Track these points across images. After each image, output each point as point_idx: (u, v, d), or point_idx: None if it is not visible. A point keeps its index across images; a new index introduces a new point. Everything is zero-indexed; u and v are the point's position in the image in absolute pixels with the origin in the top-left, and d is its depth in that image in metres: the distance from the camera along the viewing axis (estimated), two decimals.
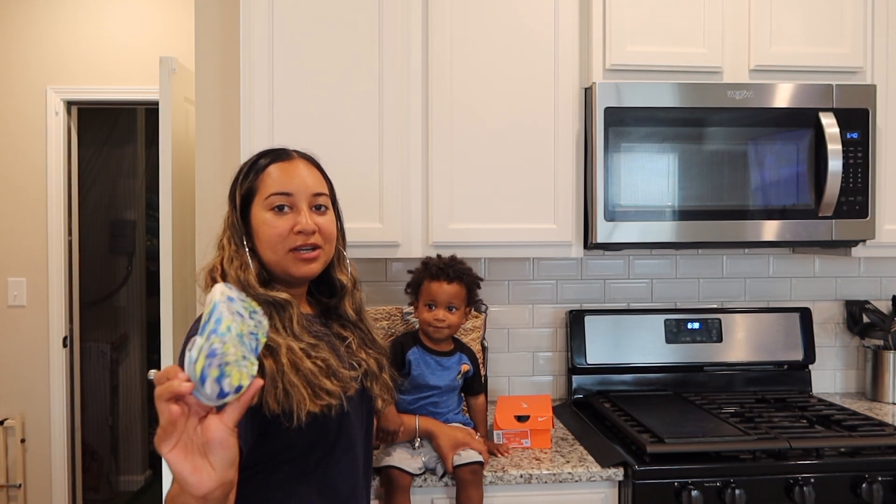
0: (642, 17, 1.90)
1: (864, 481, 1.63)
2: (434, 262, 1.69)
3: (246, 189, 1.21)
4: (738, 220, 1.88)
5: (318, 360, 1.13)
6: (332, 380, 1.13)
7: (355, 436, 1.23)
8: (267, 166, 1.21)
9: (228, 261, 1.16)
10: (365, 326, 1.32)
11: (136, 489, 4.16)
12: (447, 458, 1.57)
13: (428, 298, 1.67)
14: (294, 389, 1.07)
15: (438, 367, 1.68)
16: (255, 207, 1.19)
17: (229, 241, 1.19)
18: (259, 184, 1.20)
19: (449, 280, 1.65)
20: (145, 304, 4.29)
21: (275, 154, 1.24)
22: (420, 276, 1.70)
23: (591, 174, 1.87)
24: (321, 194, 1.23)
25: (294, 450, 1.13)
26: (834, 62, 1.95)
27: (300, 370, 1.09)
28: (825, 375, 2.34)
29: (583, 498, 1.64)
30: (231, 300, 0.83)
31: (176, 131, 2.13)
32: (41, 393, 3.22)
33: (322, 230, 1.21)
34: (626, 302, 2.30)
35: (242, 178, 1.22)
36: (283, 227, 1.17)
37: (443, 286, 1.65)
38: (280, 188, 1.19)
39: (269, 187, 1.19)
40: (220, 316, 0.79)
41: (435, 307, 1.66)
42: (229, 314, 0.80)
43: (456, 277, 1.66)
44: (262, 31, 1.82)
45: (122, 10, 3.21)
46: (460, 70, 1.88)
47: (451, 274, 1.65)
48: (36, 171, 3.19)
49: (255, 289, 1.14)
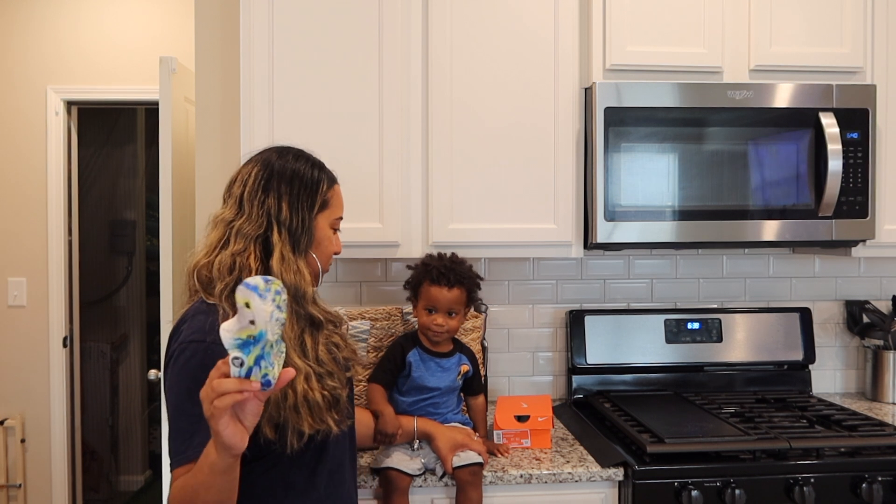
0: (642, 17, 1.90)
1: (864, 481, 1.63)
2: (435, 265, 1.66)
3: (322, 201, 1.28)
4: (738, 220, 1.88)
5: (326, 392, 1.16)
6: (332, 413, 1.17)
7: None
8: (333, 186, 1.32)
9: (279, 261, 1.18)
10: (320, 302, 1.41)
11: (136, 489, 4.17)
12: (446, 460, 1.57)
13: (428, 303, 1.65)
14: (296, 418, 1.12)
15: (438, 369, 1.68)
16: (322, 220, 1.28)
17: (284, 241, 1.20)
18: (331, 200, 1.30)
19: (450, 286, 1.63)
20: (145, 304, 4.29)
21: (332, 177, 1.33)
22: (420, 277, 1.68)
23: (591, 174, 1.87)
24: None
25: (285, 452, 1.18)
26: (834, 62, 1.95)
27: (308, 400, 1.13)
28: (825, 375, 2.34)
29: (583, 498, 1.64)
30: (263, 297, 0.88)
31: (176, 131, 2.13)
32: (41, 393, 3.22)
33: None
34: (626, 302, 2.30)
35: (315, 187, 1.27)
36: (339, 246, 1.35)
37: (443, 292, 1.63)
38: (342, 213, 1.35)
39: (337, 209, 1.32)
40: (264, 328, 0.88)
41: (435, 312, 1.65)
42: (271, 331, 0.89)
43: (457, 283, 1.64)
44: (262, 31, 1.82)
45: (122, 9, 3.21)
46: (460, 70, 1.87)
47: (453, 279, 1.63)
48: (36, 171, 3.19)
49: (309, 298, 1.20)
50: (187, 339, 1.13)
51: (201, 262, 1.19)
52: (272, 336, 0.89)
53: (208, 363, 0.96)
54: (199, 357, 1.09)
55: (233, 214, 1.22)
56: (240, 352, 0.87)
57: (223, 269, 1.16)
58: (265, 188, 1.22)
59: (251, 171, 1.25)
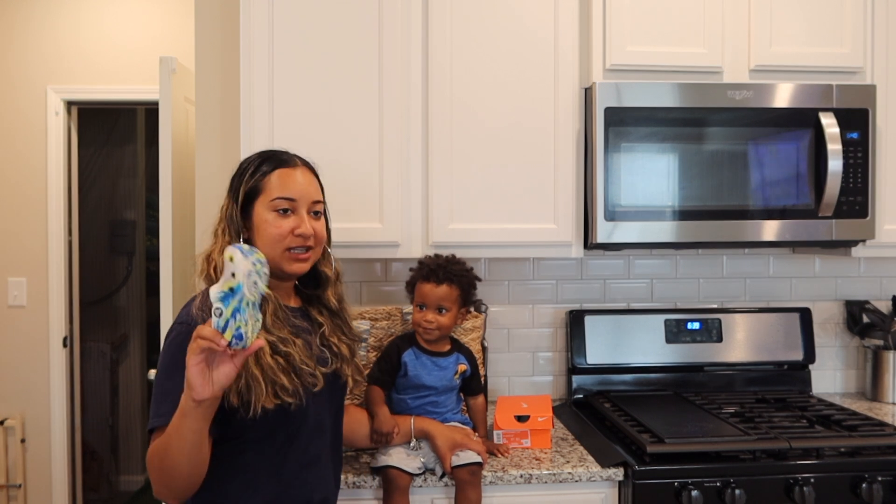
0: (642, 17, 1.90)
1: (864, 481, 1.63)
2: (427, 263, 1.69)
3: (251, 187, 1.30)
4: (738, 220, 1.88)
5: (280, 357, 1.22)
6: (291, 377, 1.22)
7: (323, 420, 1.34)
8: (273, 170, 1.31)
9: (220, 251, 1.24)
10: (344, 316, 1.44)
11: (136, 489, 4.17)
12: (445, 459, 1.56)
13: (419, 299, 1.67)
14: (255, 383, 1.16)
15: (435, 368, 1.67)
16: (258, 206, 1.29)
17: (224, 231, 1.29)
18: (265, 185, 1.30)
19: (438, 282, 1.64)
20: (145, 304, 4.29)
21: (279, 159, 1.34)
22: (415, 276, 1.70)
23: (591, 174, 1.87)
24: (318, 202, 1.35)
25: (256, 433, 1.23)
26: (834, 62, 1.95)
27: (262, 364, 1.18)
28: (825, 375, 2.34)
29: (583, 498, 1.64)
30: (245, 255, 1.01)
31: (176, 131, 2.13)
32: (41, 393, 3.22)
33: (317, 234, 1.32)
34: (626, 302, 2.30)
35: (248, 177, 1.31)
36: (285, 227, 1.28)
37: (432, 288, 1.64)
38: (285, 193, 1.30)
39: (274, 190, 1.29)
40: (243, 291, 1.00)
41: (425, 308, 1.66)
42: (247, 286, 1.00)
43: (446, 279, 1.65)
44: (262, 32, 1.82)
45: (122, 9, 3.21)
46: (460, 70, 1.87)
47: (442, 275, 1.65)
48: (36, 171, 3.19)
49: None
50: (177, 321, 1.23)
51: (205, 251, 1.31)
52: (249, 294, 1.00)
53: (183, 343, 1.07)
54: (181, 338, 1.16)
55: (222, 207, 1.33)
56: (220, 303, 0.99)
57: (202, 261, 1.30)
58: (230, 183, 1.34)
59: None
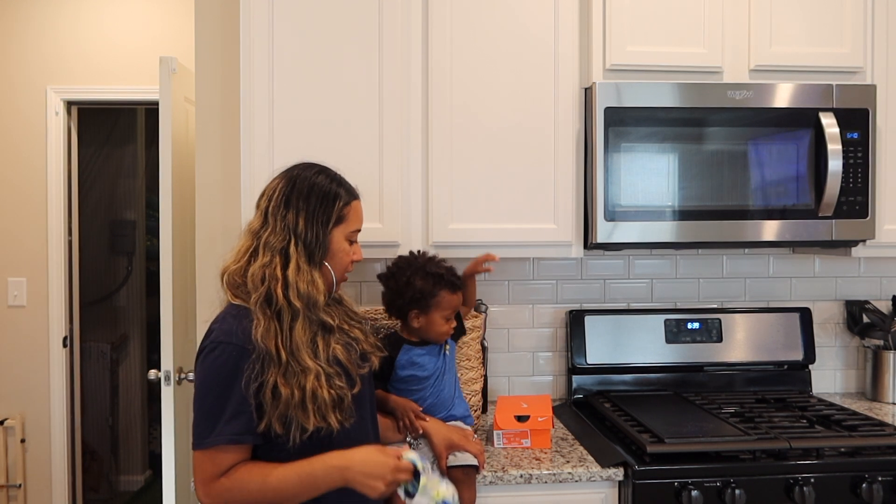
0: (642, 17, 1.90)
1: (864, 481, 1.63)
2: (448, 276, 1.63)
3: (337, 217, 1.38)
4: (738, 220, 1.88)
5: (333, 391, 1.27)
6: (336, 413, 1.28)
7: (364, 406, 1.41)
8: (352, 201, 1.41)
9: (295, 271, 1.30)
10: (347, 302, 1.51)
11: (136, 489, 4.17)
12: (441, 459, 1.56)
13: (449, 311, 1.63)
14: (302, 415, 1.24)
15: (425, 355, 1.66)
16: (338, 233, 1.39)
17: (300, 253, 1.32)
18: (348, 215, 1.40)
19: (456, 289, 1.64)
20: (145, 304, 4.29)
21: (351, 190, 1.43)
22: (434, 289, 1.62)
23: (591, 174, 1.87)
24: None
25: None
26: (834, 62, 1.95)
27: (317, 398, 1.25)
28: (825, 375, 2.34)
29: (583, 498, 1.64)
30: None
31: (176, 131, 2.13)
32: (41, 393, 3.22)
33: None
34: (626, 302, 2.30)
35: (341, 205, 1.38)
36: (354, 257, 1.44)
37: (456, 297, 1.64)
38: (359, 226, 1.44)
39: (354, 223, 1.42)
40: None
41: (450, 318, 1.64)
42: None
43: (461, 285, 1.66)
44: (262, 32, 1.82)
45: (122, 10, 3.21)
46: (460, 71, 1.87)
47: (458, 282, 1.65)
48: (36, 171, 3.19)
49: (320, 306, 1.32)
50: (218, 339, 1.27)
51: (231, 268, 1.34)
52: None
53: (233, 364, 1.22)
54: (226, 358, 1.24)
55: (259, 225, 1.35)
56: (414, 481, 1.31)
57: (256, 280, 1.30)
58: (286, 203, 1.34)
59: (277, 185, 1.37)
